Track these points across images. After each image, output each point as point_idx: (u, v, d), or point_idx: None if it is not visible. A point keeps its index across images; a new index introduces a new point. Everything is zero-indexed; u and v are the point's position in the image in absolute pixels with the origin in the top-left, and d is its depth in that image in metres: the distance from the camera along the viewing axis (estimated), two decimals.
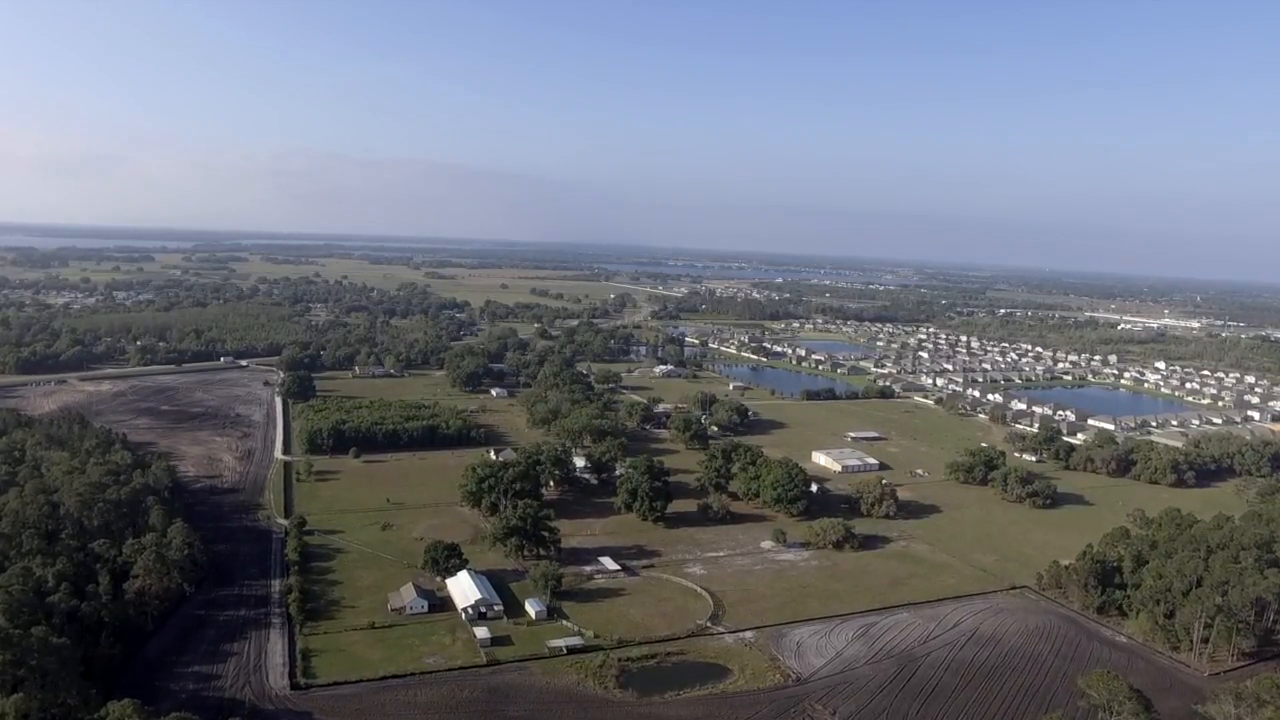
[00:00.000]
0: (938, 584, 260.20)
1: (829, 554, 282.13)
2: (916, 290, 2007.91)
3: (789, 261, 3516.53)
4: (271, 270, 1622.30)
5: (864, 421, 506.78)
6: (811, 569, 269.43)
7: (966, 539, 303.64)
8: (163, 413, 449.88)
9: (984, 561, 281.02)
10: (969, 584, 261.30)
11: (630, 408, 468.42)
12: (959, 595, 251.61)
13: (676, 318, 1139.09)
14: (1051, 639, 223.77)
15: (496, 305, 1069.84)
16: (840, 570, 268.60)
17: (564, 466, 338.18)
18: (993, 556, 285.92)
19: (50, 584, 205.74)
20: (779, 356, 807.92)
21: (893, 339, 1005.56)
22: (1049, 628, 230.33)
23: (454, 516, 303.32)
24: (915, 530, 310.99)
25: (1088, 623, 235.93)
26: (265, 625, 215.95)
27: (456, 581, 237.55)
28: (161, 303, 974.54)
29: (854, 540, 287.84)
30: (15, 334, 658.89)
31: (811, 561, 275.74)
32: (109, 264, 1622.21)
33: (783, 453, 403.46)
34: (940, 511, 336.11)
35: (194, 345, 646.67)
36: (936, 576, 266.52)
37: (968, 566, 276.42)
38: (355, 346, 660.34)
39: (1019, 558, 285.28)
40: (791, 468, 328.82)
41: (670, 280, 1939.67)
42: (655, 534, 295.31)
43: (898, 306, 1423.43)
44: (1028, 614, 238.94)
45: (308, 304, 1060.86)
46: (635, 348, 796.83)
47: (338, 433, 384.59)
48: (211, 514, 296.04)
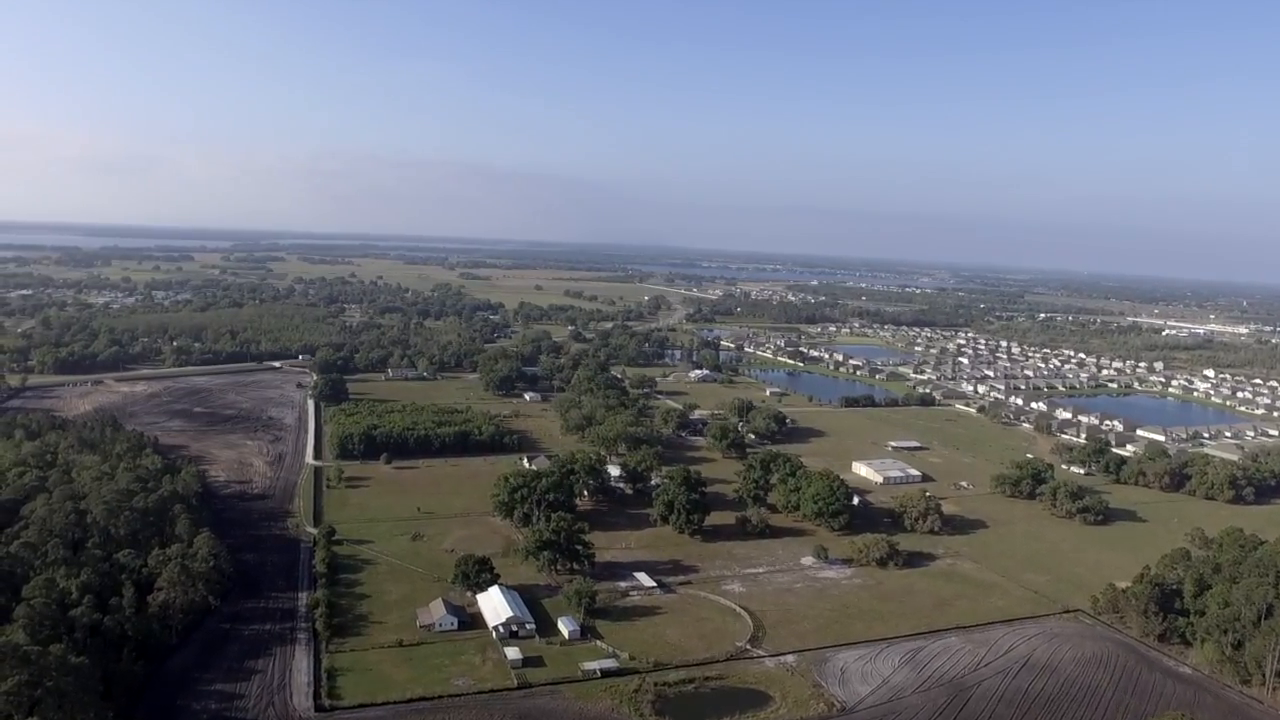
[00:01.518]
0: (987, 606, 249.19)
1: (872, 572, 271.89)
2: (953, 293, 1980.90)
3: (823, 263, 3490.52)
4: (308, 270, 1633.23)
5: (904, 430, 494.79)
6: (854, 588, 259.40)
7: (1015, 557, 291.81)
8: (196, 415, 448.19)
9: (1035, 582, 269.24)
10: (1020, 606, 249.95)
11: (665, 414, 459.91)
12: (1010, 618, 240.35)
13: (711, 320, 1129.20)
14: (1110, 668, 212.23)
15: (530, 307, 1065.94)
16: (884, 590, 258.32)
17: (598, 476, 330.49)
18: (1044, 577, 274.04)
19: (74, 596, 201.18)
20: (816, 361, 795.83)
21: (931, 344, 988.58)
22: (1107, 656, 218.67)
23: (485, 527, 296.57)
24: (961, 547, 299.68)
25: (1148, 651, 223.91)
26: (291, 641, 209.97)
27: (487, 597, 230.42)
28: (199, 303, 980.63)
29: (898, 558, 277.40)
30: (55, 333, 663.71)
31: (854, 580, 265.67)
32: (149, 263, 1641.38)
33: (822, 462, 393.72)
34: (987, 527, 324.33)
35: (229, 346, 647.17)
36: (985, 598, 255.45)
37: (1018, 587, 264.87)
38: (388, 349, 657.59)
39: (1071, 578, 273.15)
40: (833, 480, 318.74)
41: (704, 282, 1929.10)
42: (692, 548, 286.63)
43: (935, 310, 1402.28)
44: (1083, 640, 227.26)
45: (342, 304, 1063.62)
46: (670, 351, 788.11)
47: (369, 438, 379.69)
48: (240, 521, 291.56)
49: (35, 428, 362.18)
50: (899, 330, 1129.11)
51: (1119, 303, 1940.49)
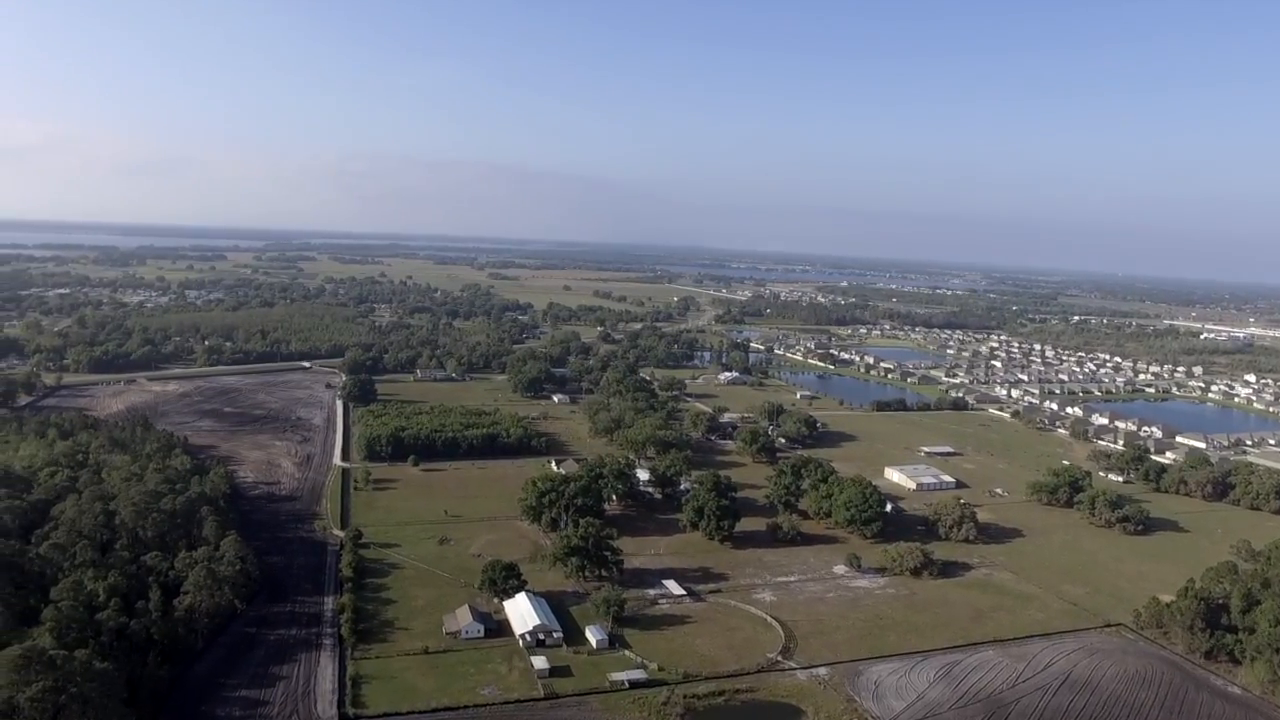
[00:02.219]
0: (1024, 618, 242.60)
1: (906, 581, 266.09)
2: (985, 295, 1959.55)
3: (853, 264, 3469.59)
4: (338, 270, 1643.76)
5: (937, 435, 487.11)
6: (888, 598, 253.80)
7: (1053, 568, 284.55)
8: (225, 415, 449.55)
9: (1074, 594, 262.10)
10: (1059, 619, 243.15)
11: (695, 417, 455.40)
12: (1048, 632, 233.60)
13: (741, 322, 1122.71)
14: (1154, 687, 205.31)
15: (559, 308, 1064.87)
16: (919, 600, 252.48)
17: (627, 480, 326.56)
18: (1083, 588, 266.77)
19: (101, 598, 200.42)
20: (847, 364, 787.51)
21: (963, 347, 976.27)
22: (1151, 673, 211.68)
23: (513, 531, 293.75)
24: (997, 556, 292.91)
25: (1194, 669, 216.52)
26: (316, 646, 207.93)
27: (514, 604, 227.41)
28: (230, 302, 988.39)
29: (933, 567, 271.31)
30: (90, 332, 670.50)
31: (888, 590, 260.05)
32: (183, 263, 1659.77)
33: (854, 468, 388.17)
34: (1023, 536, 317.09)
35: (259, 346, 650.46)
36: (1023, 610, 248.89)
37: (1056, 599, 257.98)
38: (417, 349, 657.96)
39: (1112, 590, 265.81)
40: (866, 487, 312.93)
41: (734, 283, 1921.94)
42: (722, 555, 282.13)
43: (967, 312, 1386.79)
44: (1126, 656, 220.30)
45: (372, 304, 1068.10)
46: (699, 353, 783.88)
47: (397, 440, 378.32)
48: (268, 523, 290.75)
49: (68, 427, 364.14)
50: (930, 332, 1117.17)
51: (1154, 305, 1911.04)
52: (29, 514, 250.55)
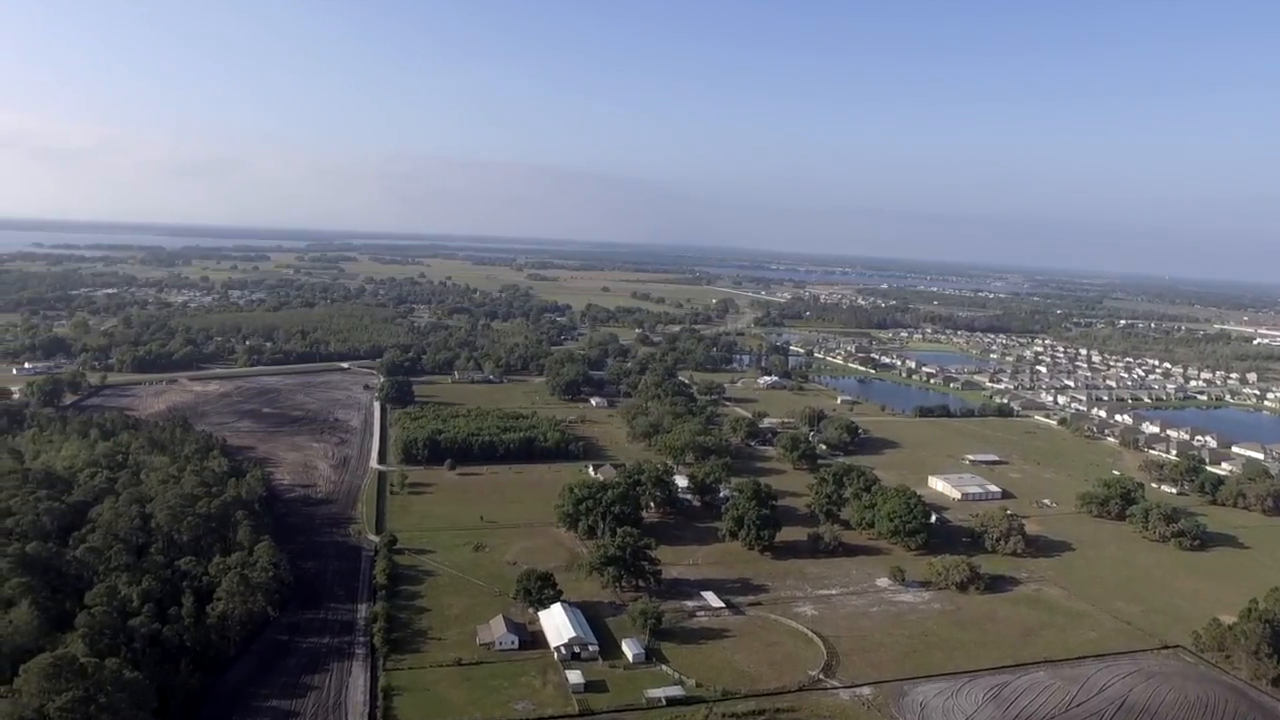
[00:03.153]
0: (1076, 638, 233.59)
1: (952, 596, 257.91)
2: (1028, 298, 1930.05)
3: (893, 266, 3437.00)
4: (379, 270, 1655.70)
5: (982, 443, 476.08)
6: (933, 613, 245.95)
7: (1106, 584, 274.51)
8: (264, 415, 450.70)
9: (1128, 612, 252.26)
10: (1112, 639, 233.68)
11: (735, 423, 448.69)
12: (1102, 653, 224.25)
13: (780, 324, 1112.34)
14: (1217, 715, 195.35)
15: (598, 309, 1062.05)
16: (966, 616, 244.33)
17: (665, 488, 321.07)
18: (1137, 607, 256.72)
19: (135, 604, 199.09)
20: (888, 368, 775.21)
21: (1007, 351, 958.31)
22: (1213, 700, 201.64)
23: (549, 538, 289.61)
24: (1046, 571, 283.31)
25: (1261, 697, 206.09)
26: (349, 656, 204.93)
27: (550, 615, 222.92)
28: (272, 302, 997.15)
29: (979, 582, 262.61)
30: (135, 332, 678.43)
31: (933, 605, 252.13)
32: (227, 263, 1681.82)
33: (896, 475, 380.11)
34: (1073, 550, 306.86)
35: (299, 346, 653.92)
36: (1074, 628, 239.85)
37: (1109, 618, 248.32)
38: (455, 350, 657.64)
39: (1168, 610, 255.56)
40: (910, 497, 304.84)
41: (772, 284, 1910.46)
42: (762, 566, 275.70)
43: (1010, 316, 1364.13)
44: (1186, 681, 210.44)
45: (411, 305, 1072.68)
46: (738, 356, 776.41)
47: (433, 443, 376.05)
48: (303, 526, 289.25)
49: (110, 427, 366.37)
50: (973, 336, 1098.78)
51: (1204, 309, 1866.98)
52: (67, 515, 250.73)
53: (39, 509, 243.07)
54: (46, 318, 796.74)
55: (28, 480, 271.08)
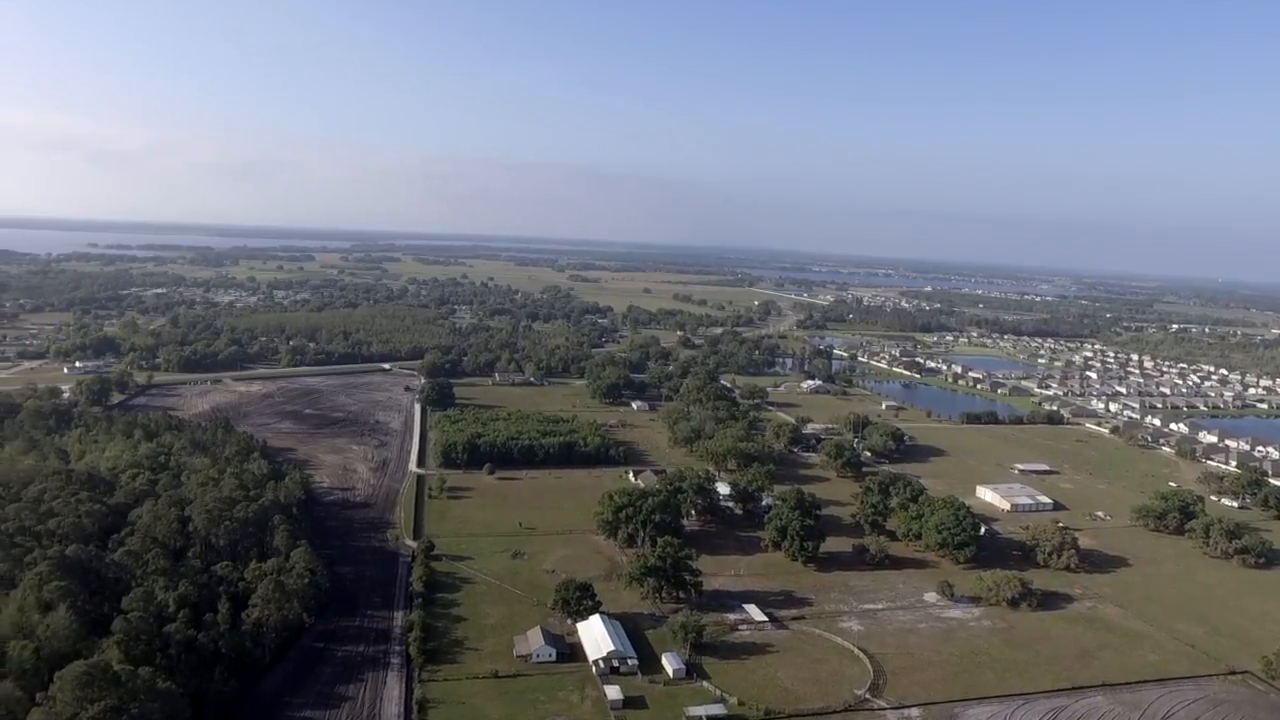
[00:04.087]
0: (1135, 660, 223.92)
1: (1003, 613, 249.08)
2: (1076, 301, 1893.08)
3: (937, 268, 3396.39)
4: (421, 271, 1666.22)
5: (1031, 451, 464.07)
6: (984, 631, 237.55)
7: (1165, 603, 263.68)
8: (305, 416, 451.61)
9: (1190, 634, 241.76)
10: (1174, 663, 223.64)
11: (778, 429, 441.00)
12: (1164, 677, 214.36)
13: (823, 327, 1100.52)
14: None
15: (639, 311, 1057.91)
16: (1018, 635, 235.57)
17: (707, 495, 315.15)
18: (1200, 628, 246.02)
19: (171, 609, 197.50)
20: (933, 373, 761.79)
21: (1055, 356, 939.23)
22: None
23: (588, 546, 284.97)
24: (1102, 588, 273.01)
25: None
26: (384, 665, 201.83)
27: (588, 627, 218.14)
28: (316, 302, 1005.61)
29: (1032, 598, 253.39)
30: (181, 332, 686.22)
31: (983, 622, 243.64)
32: (274, 263, 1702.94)
33: (943, 485, 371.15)
34: (1129, 565, 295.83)
35: (341, 347, 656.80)
36: (1133, 650, 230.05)
37: (1170, 639, 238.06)
38: (496, 352, 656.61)
39: (1233, 631, 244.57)
40: (959, 508, 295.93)
41: (815, 287, 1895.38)
42: (806, 578, 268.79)
43: (1058, 320, 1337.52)
44: (1257, 711, 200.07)
45: (453, 306, 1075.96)
46: (781, 359, 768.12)
47: (473, 446, 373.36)
48: (341, 531, 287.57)
49: (153, 428, 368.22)
50: (1020, 340, 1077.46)
51: (1261, 313, 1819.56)
52: (108, 517, 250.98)
53: (80, 511, 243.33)
54: (98, 317, 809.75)
55: (71, 481, 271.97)
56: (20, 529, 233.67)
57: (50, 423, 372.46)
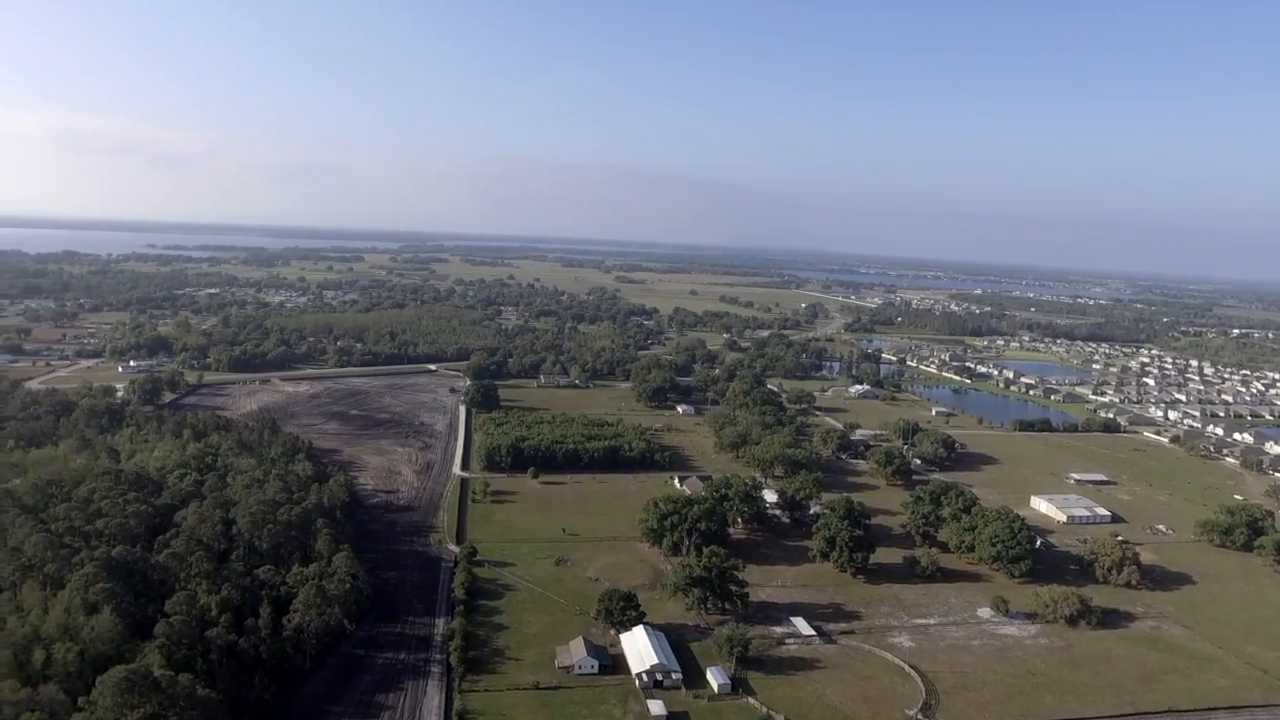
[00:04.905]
0: (1204, 685, 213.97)
1: (1060, 631, 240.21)
2: (1131, 305, 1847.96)
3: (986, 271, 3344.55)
4: (469, 272, 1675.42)
5: (1087, 460, 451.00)
6: (1040, 650, 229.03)
7: (1234, 624, 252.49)
8: (351, 417, 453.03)
9: (1263, 658, 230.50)
10: (1246, 689, 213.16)
11: (825, 434, 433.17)
12: (1235, 705, 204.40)
13: (871, 330, 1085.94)
14: None
15: (685, 313, 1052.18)
16: (1077, 655, 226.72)
17: (753, 503, 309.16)
18: (1273, 652, 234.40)
19: (213, 613, 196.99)
20: (984, 378, 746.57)
21: (1110, 361, 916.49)
22: None
23: (632, 554, 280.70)
24: (1165, 606, 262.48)
25: None
26: (424, 674, 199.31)
27: (631, 638, 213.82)
28: (364, 303, 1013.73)
29: (1091, 615, 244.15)
30: (232, 332, 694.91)
31: (1040, 640, 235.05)
32: (324, 264, 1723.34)
33: (995, 494, 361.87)
34: (1194, 583, 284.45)
35: (388, 348, 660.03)
36: (1201, 674, 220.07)
37: (1240, 663, 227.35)
38: (542, 354, 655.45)
39: None
40: (1013, 520, 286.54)
41: (862, 289, 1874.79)
42: (854, 590, 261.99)
43: (1112, 324, 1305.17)
44: None
45: (499, 307, 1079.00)
46: (828, 363, 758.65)
47: (517, 450, 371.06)
48: (384, 534, 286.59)
49: (202, 428, 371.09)
50: (1073, 345, 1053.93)
51: None
52: (155, 518, 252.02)
53: (127, 511, 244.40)
54: (153, 317, 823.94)
55: (120, 481, 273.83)
56: (70, 529, 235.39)
57: (103, 421, 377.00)
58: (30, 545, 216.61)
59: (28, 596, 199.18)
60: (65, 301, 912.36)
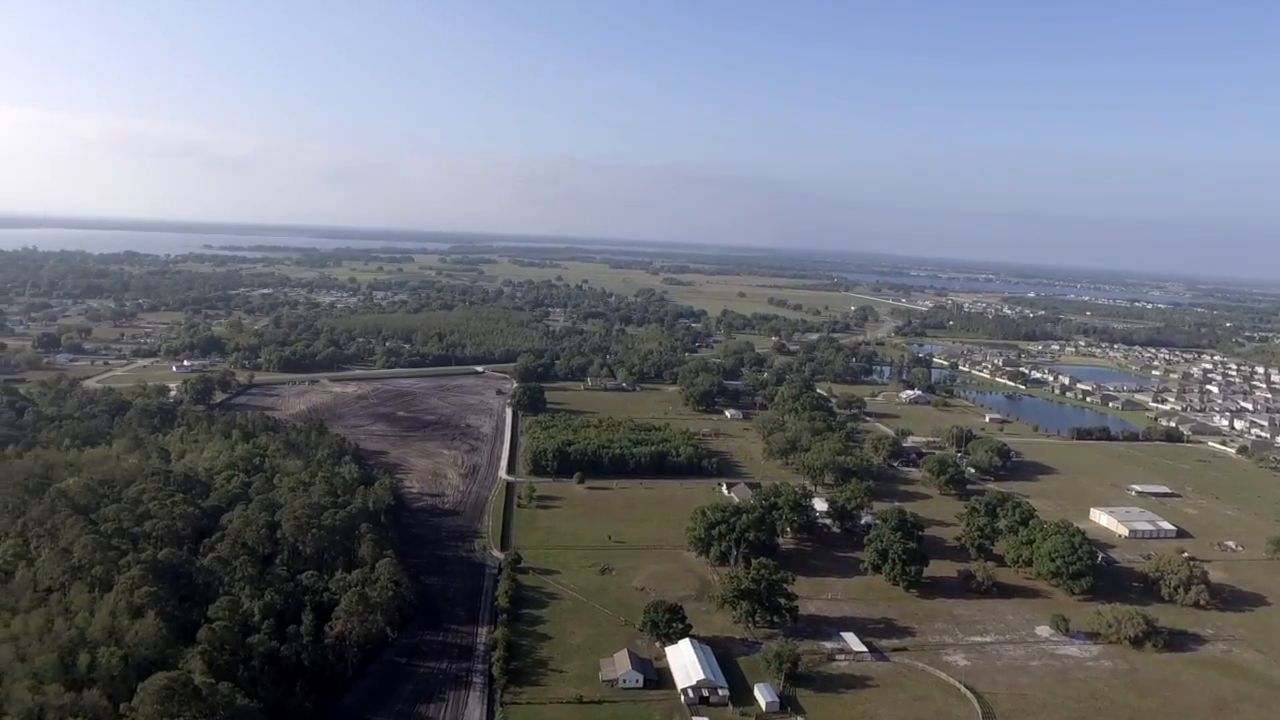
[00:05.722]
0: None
1: (1125, 653, 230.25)
2: (1191, 309, 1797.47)
3: (1038, 273, 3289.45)
4: (517, 273, 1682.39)
5: (1149, 471, 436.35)
6: (1104, 673, 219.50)
7: None
8: (398, 419, 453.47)
9: None
10: None
11: (876, 441, 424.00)
12: None
13: (921, 334, 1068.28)
14: None
15: (733, 315, 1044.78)
16: (1143, 679, 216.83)
17: (803, 513, 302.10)
18: None
19: (256, 619, 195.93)
20: (1039, 384, 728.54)
21: (1170, 368, 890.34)
22: None
23: (679, 563, 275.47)
24: (1237, 629, 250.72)
25: None
26: (466, 685, 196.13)
27: (677, 652, 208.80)
28: (413, 304, 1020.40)
29: (1157, 637, 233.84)
30: (283, 332, 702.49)
31: (1103, 662, 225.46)
32: (374, 264, 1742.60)
33: (1053, 506, 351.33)
34: (1268, 604, 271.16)
35: (436, 349, 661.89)
36: (1279, 703, 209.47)
37: None
38: (589, 356, 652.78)
39: None
40: (1074, 535, 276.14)
41: (913, 292, 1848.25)
42: (907, 604, 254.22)
43: (1172, 329, 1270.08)
44: None
45: (547, 308, 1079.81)
46: (878, 368, 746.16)
47: (563, 454, 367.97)
48: (428, 538, 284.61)
49: (251, 428, 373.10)
50: (1131, 351, 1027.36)
51: None
52: (202, 520, 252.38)
53: (175, 513, 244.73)
54: (207, 317, 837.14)
55: (168, 482, 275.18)
56: (118, 530, 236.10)
57: (155, 421, 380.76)
58: (79, 547, 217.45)
59: (75, 598, 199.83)
60: (125, 301, 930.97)
